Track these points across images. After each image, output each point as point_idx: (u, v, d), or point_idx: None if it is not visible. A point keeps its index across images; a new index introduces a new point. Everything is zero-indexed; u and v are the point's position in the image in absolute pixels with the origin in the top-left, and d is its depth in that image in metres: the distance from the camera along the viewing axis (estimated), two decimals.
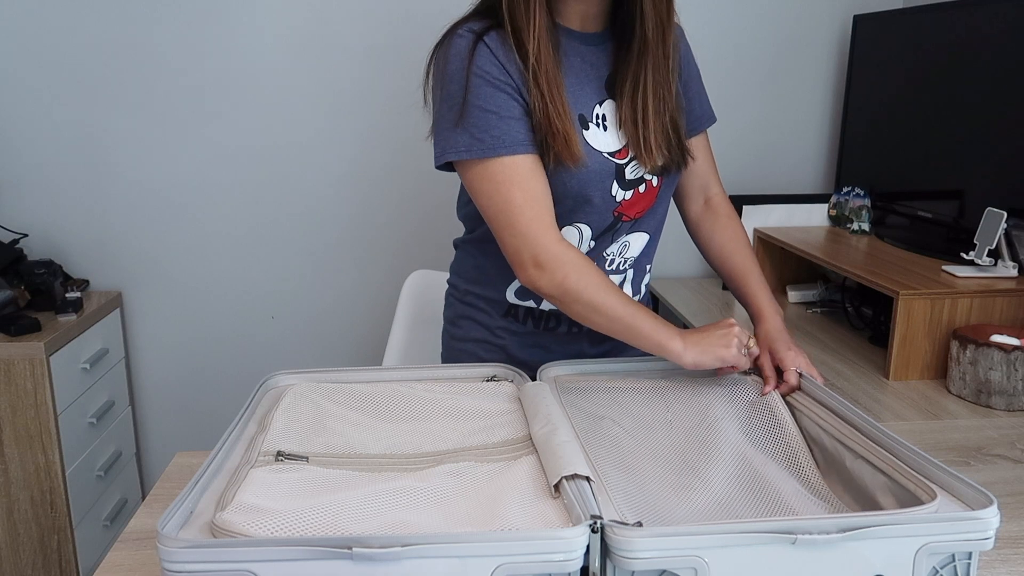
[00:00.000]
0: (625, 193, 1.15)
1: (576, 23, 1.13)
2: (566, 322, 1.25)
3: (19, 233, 2.16)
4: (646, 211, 1.20)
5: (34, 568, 1.96)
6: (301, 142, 2.19)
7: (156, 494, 1.02)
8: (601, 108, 1.14)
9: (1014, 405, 1.39)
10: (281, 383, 1.09)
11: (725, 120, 2.28)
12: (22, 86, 2.11)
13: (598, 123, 1.13)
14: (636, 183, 1.16)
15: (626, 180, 1.15)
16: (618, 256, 1.21)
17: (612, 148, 1.14)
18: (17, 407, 1.87)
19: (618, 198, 1.15)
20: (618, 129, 1.14)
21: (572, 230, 1.16)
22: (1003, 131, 1.64)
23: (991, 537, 0.71)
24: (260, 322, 2.32)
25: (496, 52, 1.06)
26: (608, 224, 1.17)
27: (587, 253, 1.19)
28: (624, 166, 1.14)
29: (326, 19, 2.13)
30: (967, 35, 1.72)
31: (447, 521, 0.76)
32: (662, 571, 0.69)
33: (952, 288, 1.53)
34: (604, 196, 1.14)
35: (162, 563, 0.67)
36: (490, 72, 1.04)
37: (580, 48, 1.13)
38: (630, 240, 1.21)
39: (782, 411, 1.03)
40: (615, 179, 1.14)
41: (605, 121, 1.13)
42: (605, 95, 1.14)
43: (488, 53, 1.05)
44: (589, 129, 1.12)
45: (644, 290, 1.31)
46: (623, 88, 1.13)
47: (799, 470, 0.98)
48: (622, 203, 1.16)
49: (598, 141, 1.12)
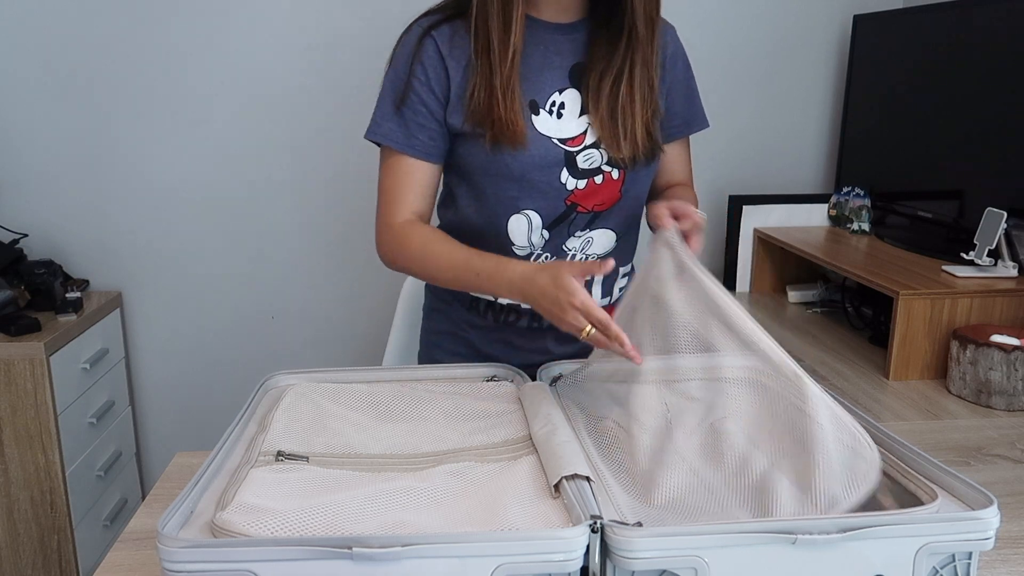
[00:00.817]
0: (578, 182, 1.16)
1: (548, 13, 1.15)
2: (527, 316, 1.25)
3: (19, 233, 2.16)
4: (610, 206, 1.20)
5: (34, 568, 1.96)
6: (301, 142, 2.19)
7: (156, 494, 1.02)
8: (561, 96, 1.14)
9: (1014, 405, 1.39)
10: (281, 383, 1.09)
11: (725, 120, 2.28)
12: (22, 86, 2.11)
13: (551, 110, 1.14)
14: (591, 173, 1.16)
15: (578, 169, 1.15)
16: (580, 252, 1.21)
17: (564, 135, 1.14)
18: (17, 407, 1.86)
19: (569, 186, 1.16)
20: (578, 117, 1.15)
21: (520, 218, 1.17)
22: (1003, 131, 1.64)
23: (991, 537, 0.71)
24: (260, 322, 2.32)
25: (442, 48, 1.13)
26: (560, 213, 1.17)
27: (544, 246, 1.19)
28: (575, 154, 1.15)
29: (328, 19, 2.13)
30: (967, 35, 1.72)
31: (447, 521, 0.76)
32: (662, 571, 0.69)
33: (952, 288, 1.53)
34: (552, 182, 1.15)
35: (162, 563, 0.67)
36: (427, 77, 1.13)
37: (545, 37, 1.15)
38: (593, 236, 1.21)
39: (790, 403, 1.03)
40: (565, 166, 1.14)
41: (562, 109, 1.14)
42: (568, 84, 1.15)
43: (433, 55, 1.13)
44: (539, 115, 1.13)
45: (618, 293, 1.29)
46: (602, 79, 1.13)
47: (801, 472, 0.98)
48: (575, 192, 1.16)
49: (548, 127, 1.13)
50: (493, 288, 1.09)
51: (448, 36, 1.13)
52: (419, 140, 1.15)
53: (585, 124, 1.15)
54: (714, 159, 2.30)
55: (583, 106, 1.15)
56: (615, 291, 1.27)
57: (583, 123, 1.15)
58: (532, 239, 1.19)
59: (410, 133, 1.15)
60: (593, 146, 1.15)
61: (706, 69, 2.24)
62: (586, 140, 1.15)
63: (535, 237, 1.18)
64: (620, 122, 1.14)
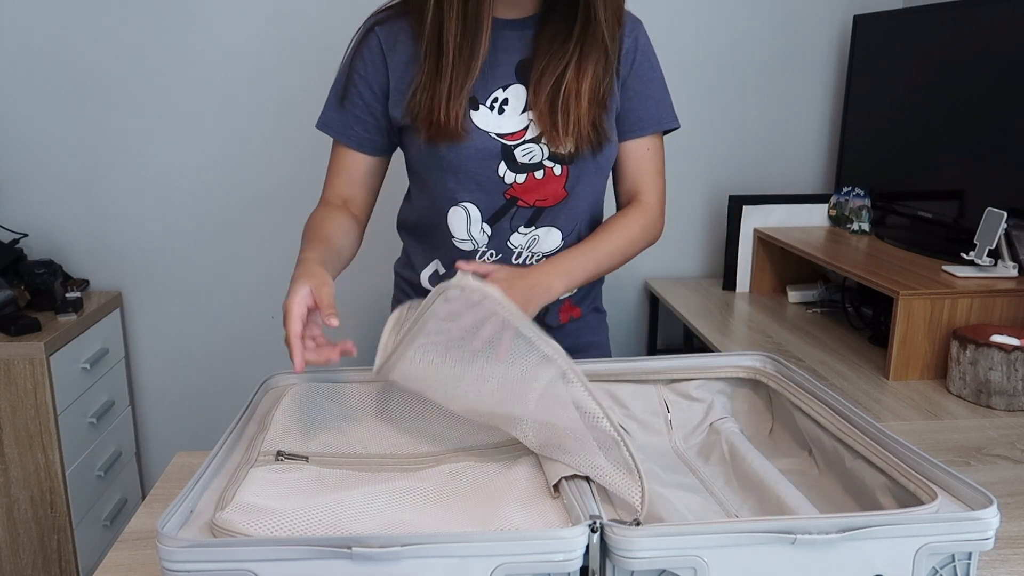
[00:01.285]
0: (516, 176, 1.16)
1: (501, 10, 1.14)
2: None
3: (19, 233, 2.16)
4: (555, 203, 1.19)
5: (34, 568, 1.96)
6: (302, 142, 2.19)
7: (156, 494, 1.02)
8: (505, 92, 1.14)
9: (1014, 405, 1.39)
10: (281, 383, 1.09)
11: (725, 120, 2.28)
12: (22, 86, 2.11)
13: (492, 106, 1.14)
14: (531, 167, 1.16)
15: (517, 163, 1.15)
16: (526, 250, 1.20)
17: (503, 130, 1.14)
18: (17, 407, 1.87)
19: (508, 180, 1.16)
20: (520, 113, 1.14)
21: (459, 210, 1.18)
22: (1003, 131, 1.64)
23: (991, 537, 0.71)
24: (260, 322, 2.32)
25: (384, 43, 1.14)
26: (500, 207, 1.17)
27: (488, 242, 1.19)
28: (513, 148, 1.14)
29: (328, 18, 2.13)
30: (967, 35, 1.72)
31: (446, 521, 0.76)
32: (661, 571, 0.69)
33: (952, 288, 1.53)
34: (489, 175, 1.15)
35: (162, 562, 0.67)
36: (367, 71, 1.16)
37: (495, 34, 1.13)
38: (539, 234, 1.20)
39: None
40: (502, 159, 1.14)
41: (505, 105, 1.14)
42: (514, 80, 1.14)
43: (375, 49, 1.15)
44: (479, 110, 1.14)
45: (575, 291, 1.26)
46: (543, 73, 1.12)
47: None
48: (514, 186, 1.16)
49: (486, 122, 1.13)
50: None
51: (393, 32, 1.15)
52: (355, 131, 1.18)
53: (527, 120, 1.14)
54: (714, 159, 2.30)
55: (527, 102, 1.14)
56: None
57: (525, 119, 1.14)
58: (472, 232, 1.18)
59: (347, 124, 1.18)
60: (533, 141, 1.14)
61: (706, 69, 2.24)
62: (527, 135, 1.14)
63: (475, 230, 1.18)
64: (560, 115, 1.12)
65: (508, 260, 1.20)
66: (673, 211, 2.33)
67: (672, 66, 2.22)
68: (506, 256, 1.20)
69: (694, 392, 1.10)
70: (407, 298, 1.31)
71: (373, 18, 1.17)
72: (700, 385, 1.10)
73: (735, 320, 1.93)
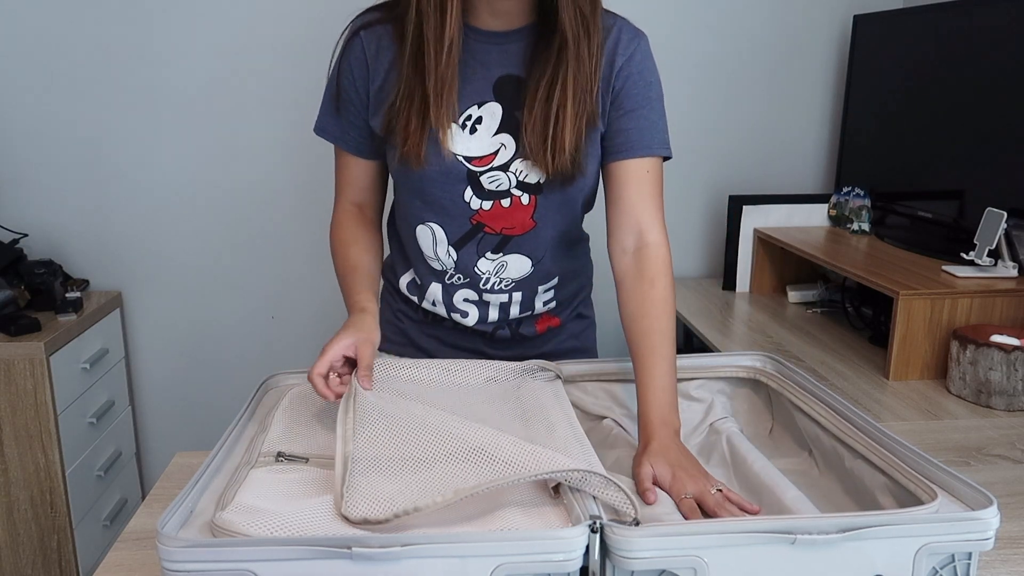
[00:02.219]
0: (483, 202, 1.10)
1: (483, 19, 1.07)
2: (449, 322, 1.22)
3: (19, 233, 2.16)
4: (523, 232, 1.13)
5: (34, 568, 1.96)
6: (302, 142, 2.19)
7: (156, 494, 1.02)
8: (480, 110, 1.08)
9: (1014, 405, 1.39)
10: (282, 383, 1.09)
11: (725, 120, 2.28)
12: (22, 86, 2.11)
13: (464, 124, 1.08)
14: (498, 195, 1.10)
15: (483, 189, 1.09)
16: (494, 276, 1.15)
17: (472, 153, 1.08)
18: (17, 407, 1.87)
19: (473, 206, 1.11)
20: (492, 135, 1.08)
21: (425, 229, 1.15)
22: (1003, 131, 1.64)
23: (991, 537, 0.71)
24: (260, 322, 2.32)
25: (367, 49, 1.10)
26: (466, 232, 1.13)
27: (456, 266, 1.15)
28: (479, 174, 1.09)
29: (328, 17, 2.13)
30: (967, 35, 1.72)
31: (447, 522, 0.76)
32: (661, 571, 0.69)
33: (952, 288, 1.52)
34: (454, 199, 1.10)
35: (162, 562, 0.67)
36: (353, 76, 1.12)
37: (475, 46, 1.08)
38: (507, 261, 1.15)
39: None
40: (468, 184, 1.09)
41: (478, 124, 1.08)
42: (491, 97, 1.08)
43: (359, 55, 1.11)
44: (450, 128, 1.07)
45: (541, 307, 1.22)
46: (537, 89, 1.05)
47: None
48: (480, 212, 1.11)
49: (456, 143, 1.08)
50: None
51: (378, 37, 1.10)
52: (350, 137, 1.16)
53: (499, 144, 1.08)
54: (714, 159, 2.30)
55: (502, 123, 1.08)
56: (537, 305, 1.20)
57: (496, 143, 1.08)
58: (439, 253, 1.15)
59: (344, 130, 1.16)
60: (500, 168, 1.08)
61: (706, 69, 2.24)
62: (495, 161, 1.08)
63: (441, 252, 1.15)
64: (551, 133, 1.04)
65: (476, 285, 1.16)
66: (673, 211, 2.33)
67: (672, 67, 2.22)
68: (474, 280, 1.16)
69: (694, 392, 1.10)
70: (389, 298, 1.30)
71: (358, 21, 1.13)
72: (700, 385, 1.11)
73: (735, 320, 1.93)
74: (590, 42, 1.04)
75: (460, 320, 1.20)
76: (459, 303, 1.19)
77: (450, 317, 1.20)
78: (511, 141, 1.08)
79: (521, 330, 1.22)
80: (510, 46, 1.08)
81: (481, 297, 1.18)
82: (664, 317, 1.05)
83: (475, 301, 1.18)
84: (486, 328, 1.21)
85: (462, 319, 1.20)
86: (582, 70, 1.04)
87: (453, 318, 1.20)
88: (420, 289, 1.21)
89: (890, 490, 0.83)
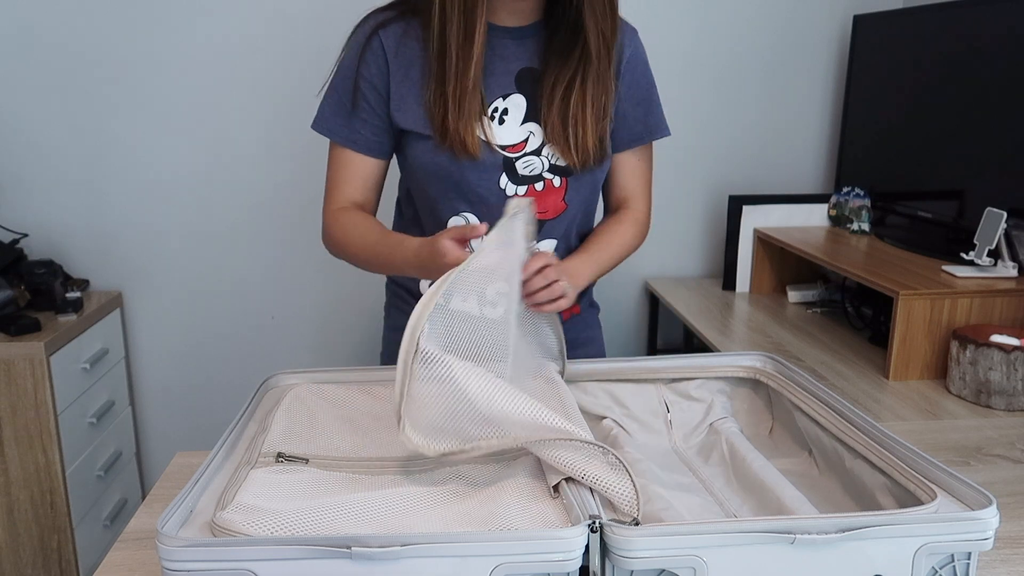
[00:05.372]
0: (518, 188, 1.16)
1: (500, 16, 1.13)
2: None
3: (19, 233, 2.16)
4: (555, 216, 1.19)
5: (34, 568, 1.96)
6: (302, 142, 2.19)
7: (156, 494, 1.02)
8: (505, 102, 1.14)
9: (1014, 405, 1.39)
10: (282, 383, 1.09)
11: (725, 120, 2.28)
12: (22, 86, 2.11)
13: (493, 115, 1.14)
14: (532, 179, 1.16)
15: (518, 175, 1.15)
16: None
17: (505, 142, 1.14)
18: (17, 407, 1.87)
19: (509, 192, 1.16)
20: (520, 124, 1.14)
21: (459, 220, 1.18)
22: (1003, 131, 1.64)
23: (990, 537, 0.71)
24: (260, 322, 2.32)
25: (387, 47, 1.12)
26: None
27: None
28: (515, 160, 1.14)
29: (328, 17, 2.13)
30: (967, 35, 1.72)
31: (446, 522, 0.76)
32: (661, 571, 0.69)
33: (952, 288, 1.53)
34: (491, 187, 1.15)
35: (162, 562, 0.67)
36: (371, 73, 1.14)
37: (494, 41, 1.13)
38: (539, 247, 1.19)
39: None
40: (504, 172, 1.14)
41: (505, 115, 1.14)
42: (514, 89, 1.14)
43: (378, 52, 1.13)
44: (481, 122, 1.13)
45: None
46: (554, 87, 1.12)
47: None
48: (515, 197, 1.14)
49: (488, 133, 1.13)
50: (398, 265, 1.10)
51: (397, 35, 1.13)
52: (361, 135, 1.17)
53: (527, 132, 1.14)
54: (714, 159, 2.30)
55: (528, 112, 1.14)
56: None
57: (525, 131, 1.14)
58: (472, 243, 1.16)
59: (353, 128, 1.16)
60: (534, 153, 1.15)
61: (706, 69, 2.24)
62: (527, 147, 1.14)
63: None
64: (571, 130, 1.13)
65: None
66: (673, 211, 2.33)
67: (672, 66, 2.22)
68: None
69: (694, 392, 1.10)
70: (403, 304, 1.31)
71: (374, 19, 1.15)
72: (700, 385, 1.11)
73: (735, 320, 1.93)
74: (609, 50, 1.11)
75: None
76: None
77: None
78: (538, 129, 1.15)
79: None
80: (527, 40, 1.15)
81: None
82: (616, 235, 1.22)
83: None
84: None
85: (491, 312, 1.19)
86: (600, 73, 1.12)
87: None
88: None
89: (890, 490, 0.83)
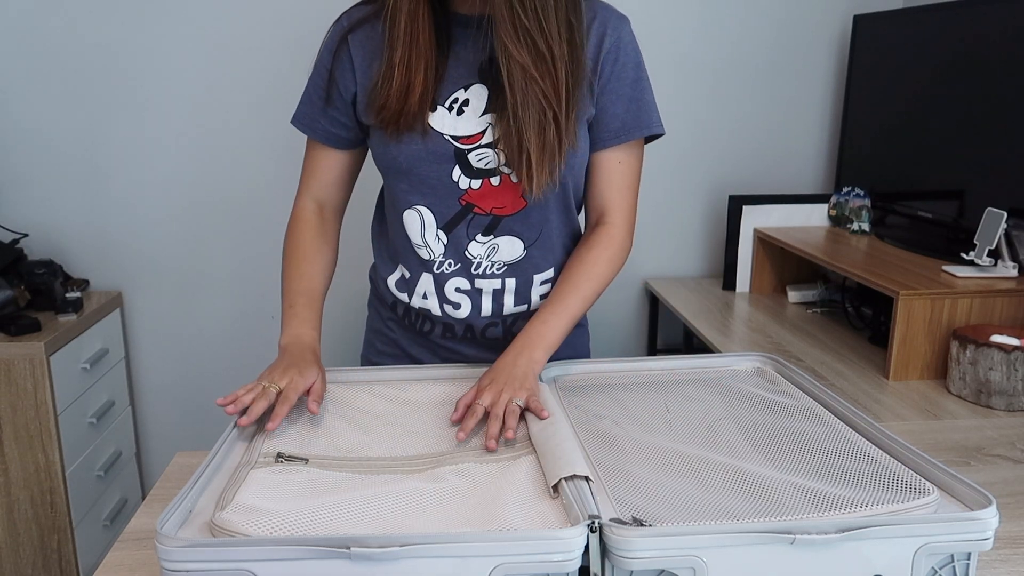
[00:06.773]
0: (471, 181, 1.12)
1: (464, 5, 1.10)
2: (439, 326, 1.22)
3: (19, 233, 2.16)
4: (514, 212, 1.14)
5: (34, 568, 1.96)
6: (302, 142, 2.19)
7: (156, 494, 1.02)
8: (467, 92, 1.10)
9: (1014, 405, 1.39)
10: None
11: (725, 120, 2.28)
12: (22, 87, 2.11)
13: (451, 107, 1.10)
14: (487, 173, 1.11)
15: (472, 168, 1.11)
16: (485, 259, 1.16)
17: (459, 132, 1.10)
18: (17, 407, 1.87)
19: (462, 185, 1.12)
20: (479, 115, 1.10)
21: (413, 213, 1.15)
22: (1003, 131, 1.64)
23: (990, 537, 0.71)
24: (260, 322, 2.32)
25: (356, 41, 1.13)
26: (455, 213, 1.13)
27: (444, 251, 1.15)
28: (467, 152, 1.11)
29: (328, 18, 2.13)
30: (967, 35, 1.72)
31: (446, 522, 0.76)
32: (661, 571, 0.69)
33: (952, 288, 1.52)
34: (442, 179, 1.12)
35: (161, 562, 0.67)
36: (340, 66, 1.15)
37: (455, 31, 1.10)
38: (498, 243, 1.15)
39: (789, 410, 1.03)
40: (456, 164, 1.11)
41: (465, 106, 1.10)
42: (475, 79, 1.10)
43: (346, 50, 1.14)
44: (436, 111, 1.10)
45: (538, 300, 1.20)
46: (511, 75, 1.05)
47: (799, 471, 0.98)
48: (469, 191, 1.12)
49: (443, 123, 1.10)
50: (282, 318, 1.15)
51: (366, 29, 1.13)
52: (327, 129, 1.18)
53: (486, 123, 1.10)
54: (714, 159, 2.30)
55: (489, 103, 1.10)
56: (534, 298, 1.20)
57: (484, 122, 1.10)
58: (427, 238, 1.15)
59: (322, 122, 1.18)
60: (488, 146, 1.10)
61: (706, 69, 2.24)
62: (482, 139, 1.10)
63: (430, 236, 1.15)
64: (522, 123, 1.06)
65: (468, 270, 1.16)
66: (673, 211, 2.33)
67: (672, 66, 2.22)
68: (465, 265, 1.16)
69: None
70: (378, 302, 1.30)
71: (345, 20, 1.16)
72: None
73: (735, 320, 1.93)
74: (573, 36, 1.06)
75: (452, 313, 1.19)
76: (451, 294, 1.18)
77: (442, 311, 1.19)
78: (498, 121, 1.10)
79: (514, 329, 1.20)
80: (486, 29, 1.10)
81: (473, 284, 1.17)
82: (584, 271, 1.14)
83: (467, 291, 1.18)
84: (478, 323, 1.20)
85: (454, 311, 1.19)
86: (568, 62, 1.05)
87: (445, 311, 1.19)
88: (409, 284, 1.20)
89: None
